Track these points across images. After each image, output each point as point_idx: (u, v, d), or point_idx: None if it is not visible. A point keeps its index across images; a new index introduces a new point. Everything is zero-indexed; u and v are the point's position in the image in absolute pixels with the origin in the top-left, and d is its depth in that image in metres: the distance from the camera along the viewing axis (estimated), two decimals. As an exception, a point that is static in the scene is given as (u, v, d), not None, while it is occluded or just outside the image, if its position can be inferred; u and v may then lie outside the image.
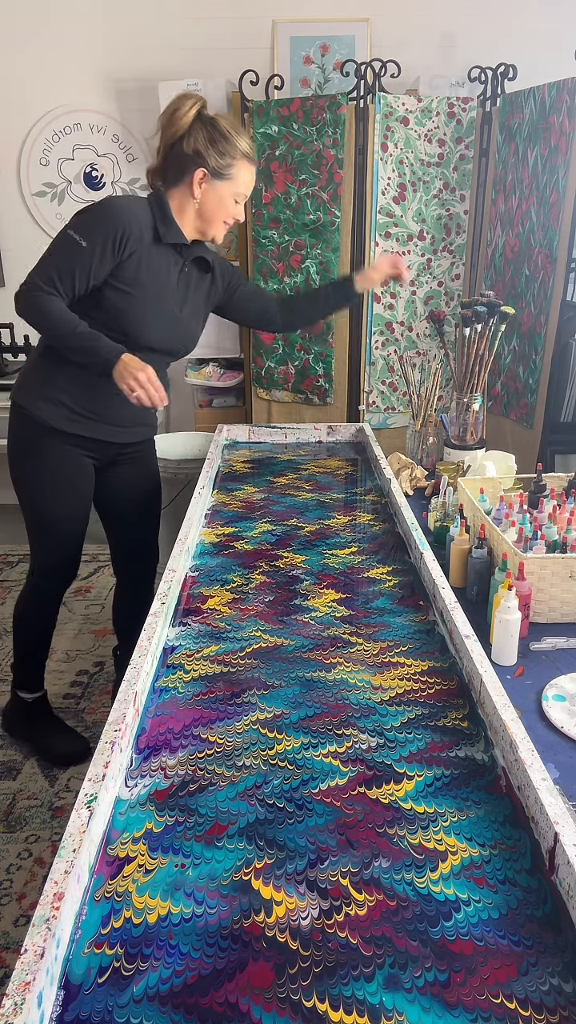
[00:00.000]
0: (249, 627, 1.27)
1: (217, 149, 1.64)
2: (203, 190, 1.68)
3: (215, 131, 1.64)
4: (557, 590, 1.31)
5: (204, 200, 1.69)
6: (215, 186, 1.68)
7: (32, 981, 0.62)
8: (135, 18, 3.24)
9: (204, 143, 1.64)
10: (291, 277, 3.05)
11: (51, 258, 1.61)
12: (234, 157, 1.66)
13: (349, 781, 0.92)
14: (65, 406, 1.74)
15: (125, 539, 2.09)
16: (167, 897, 0.77)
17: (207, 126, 1.65)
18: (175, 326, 1.79)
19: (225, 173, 1.67)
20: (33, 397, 1.75)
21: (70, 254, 1.59)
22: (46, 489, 1.82)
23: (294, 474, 2.04)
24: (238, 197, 1.72)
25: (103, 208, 1.61)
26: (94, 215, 1.60)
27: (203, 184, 1.67)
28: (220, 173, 1.66)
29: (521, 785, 0.87)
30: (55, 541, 1.90)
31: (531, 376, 2.79)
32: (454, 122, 2.88)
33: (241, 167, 1.68)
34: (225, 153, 1.65)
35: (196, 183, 1.67)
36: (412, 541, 1.50)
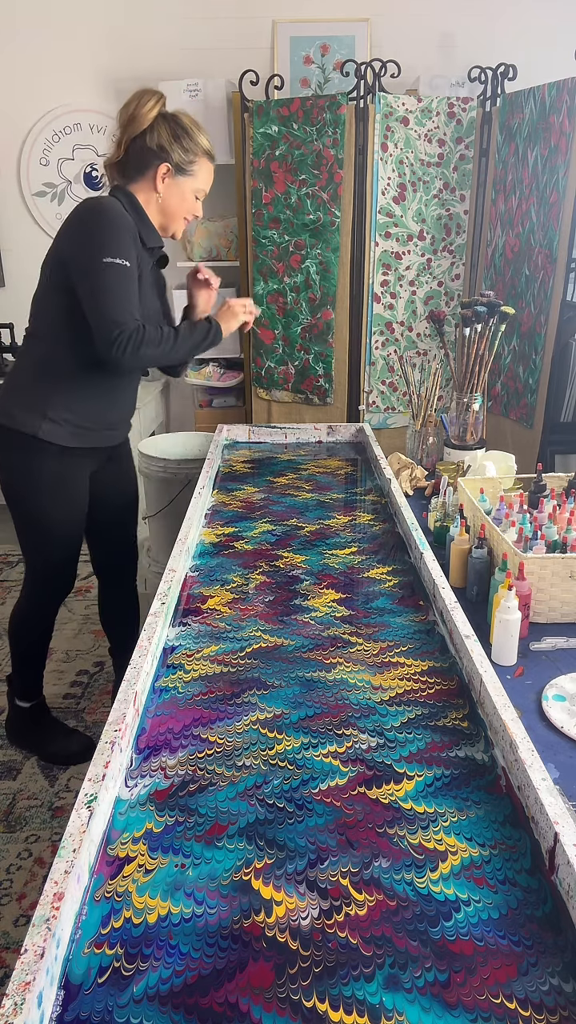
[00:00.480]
0: (249, 627, 1.27)
1: (181, 145, 1.66)
2: (166, 185, 1.69)
3: (178, 127, 1.66)
4: (557, 590, 1.31)
5: (167, 195, 1.71)
6: (178, 181, 1.70)
7: (32, 981, 0.62)
8: (135, 18, 3.24)
9: (168, 138, 1.65)
10: (291, 277, 3.05)
11: (115, 292, 1.55)
12: (196, 153, 1.69)
13: (349, 781, 0.92)
14: (68, 422, 1.72)
15: (108, 538, 2.09)
16: (167, 897, 0.77)
17: (170, 122, 1.66)
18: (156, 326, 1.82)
19: (188, 169, 1.69)
20: (34, 418, 1.70)
21: (126, 279, 1.57)
22: (50, 507, 1.80)
23: (294, 474, 2.04)
24: (198, 193, 1.75)
25: (117, 222, 1.59)
26: (116, 230, 1.58)
27: (166, 179, 1.68)
28: (183, 169, 1.69)
29: (521, 785, 0.87)
30: (56, 555, 1.89)
31: (531, 376, 2.79)
32: (454, 122, 2.88)
33: (202, 164, 1.72)
34: (188, 149, 1.68)
35: (159, 178, 1.68)
36: (412, 541, 1.50)
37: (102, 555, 2.14)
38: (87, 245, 1.57)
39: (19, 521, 1.84)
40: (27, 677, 2.07)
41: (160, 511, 2.56)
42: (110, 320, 1.55)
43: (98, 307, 1.55)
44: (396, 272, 3.04)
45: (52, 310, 1.68)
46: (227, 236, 3.33)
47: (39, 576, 1.93)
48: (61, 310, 1.65)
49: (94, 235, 1.57)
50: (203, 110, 3.11)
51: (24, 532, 1.86)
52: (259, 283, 3.11)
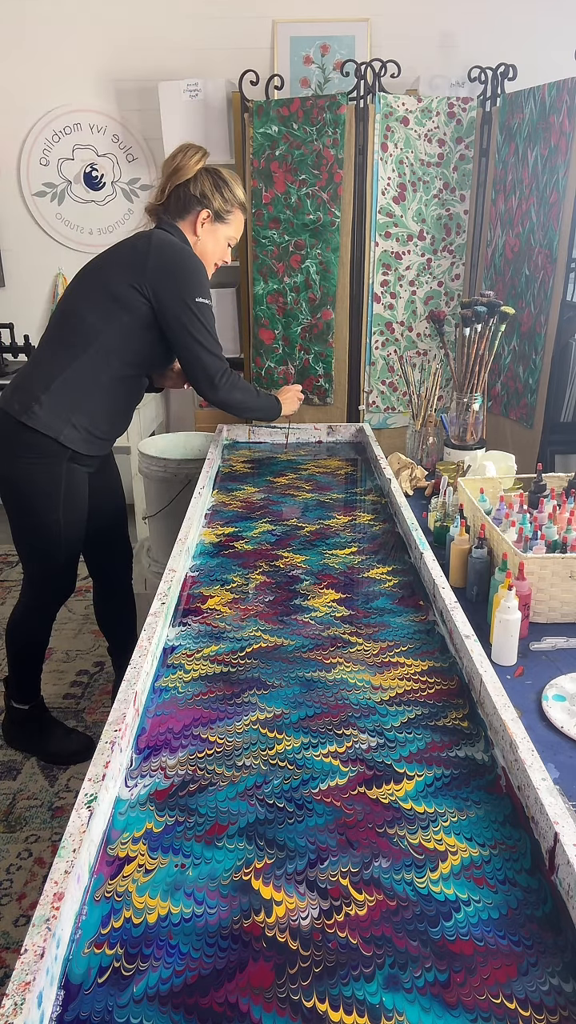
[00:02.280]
0: (249, 627, 1.27)
1: (222, 195, 1.83)
2: (204, 229, 1.84)
3: (219, 179, 1.83)
4: (557, 590, 1.31)
5: (204, 240, 1.86)
6: (215, 228, 1.86)
7: (32, 981, 0.62)
8: (135, 18, 3.24)
9: (211, 187, 1.81)
10: (291, 277, 3.05)
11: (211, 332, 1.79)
12: (233, 204, 1.85)
13: (349, 781, 0.92)
14: (86, 430, 1.79)
15: (102, 541, 2.11)
16: (167, 897, 0.77)
17: (212, 174, 1.83)
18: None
19: (225, 217, 1.85)
20: (58, 422, 1.75)
21: (213, 319, 1.80)
22: (59, 511, 1.83)
23: (294, 474, 2.04)
24: (231, 240, 1.91)
25: (194, 260, 1.77)
26: (202, 274, 1.77)
27: (205, 224, 1.84)
28: (221, 216, 1.85)
29: (521, 785, 0.87)
30: (60, 559, 1.90)
31: (531, 376, 2.79)
32: (454, 122, 2.88)
33: (238, 213, 1.88)
34: (228, 199, 1.84)
35: (199, 222, 1.83)
36: (412, 541, 1.50)
37: (97, 558, 2.15)
38: (182, 287, 1.72)
39: (24, 523, 1.84)
40: (24, 679, 2.07)
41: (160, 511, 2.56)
42: (214, 355, 1.79)
43: (200, 345, 1.77)
44: (396, 272, 3.04)
45: (113, 332, 1.75)
46: (227, 236, 3.33)
47: (40, 580, 1.93)
48: (126, 335, 1.76)
49: (187, 277, 1.73)
50: (203, 110, 3.11)
51: (24, 533, 1.86)
52: (259, 283, 3.11)
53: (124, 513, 2.17)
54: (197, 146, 1.83)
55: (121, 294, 1.73)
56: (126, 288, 1.73)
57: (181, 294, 1.72)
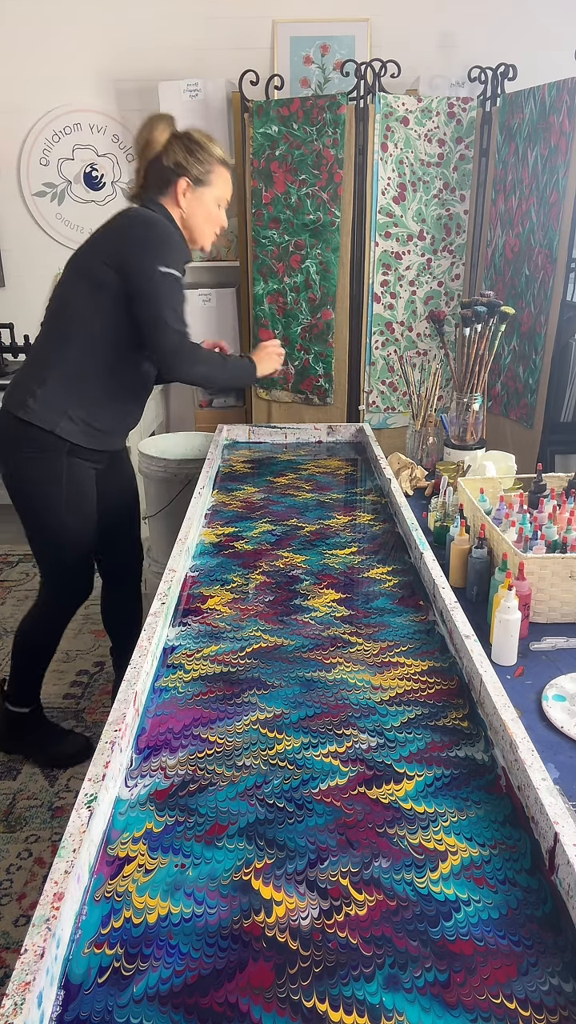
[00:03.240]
0: (249, 627, 1.27)
1: (196, 158, 1.74)
2: (188, 199, 1.77)
3: (191, 143, 1.74)
4: (557, 590, 1.31)
5: (190, 209, 1.78)
6: (198, 194, 1.77)
7: (32, 981, 0.62)
8: (135, 18, 3.24)
9: (184, 154, 1.73)
10: (291, 277, 3.05)
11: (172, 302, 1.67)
12: (211, 163, 1.76)
13: (349, 781, 0.92)
14: (84, 422, 1.76)
15: (112, 540, 2.07)
16: (167, 897, 0.77)
17: (183, 140, 1.75)
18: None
19: (205, 179, 1.76)
20: (54, 415, 1.72)
21: (179, 291, 1.69)
22: (62, 506, 1.80)
23: (294, 474, 2.04)
24: (220, 202, 1.81)
25: (164, 231, 1.69)
26: (170, 244, 1.69)
27: (187, 193, 1.76)
28: (201, 180, 1.76)
29: (521, 785, 0.87)
30: (70, 557, 1.87)
31: (531, 376, 2.79)
32: (454, 122, 2.88)
33: (219, 171, 1.78)
34: (203, 160, 1.75)
35: (180, 194, 1.75)
36: (412, 541, 1.50)
37: (107, 558, 2.12)
38: (144, 253, 1.65)
39: (31, 522, 1.83)
40: (27, 682, 2.04)
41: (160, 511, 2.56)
42: (172, 329, 1.66)
43: (157, 316, 1.65)
44: (396, 272, 3.04)
45: (93, 314, 1.70)
46: (227, 236, 3.33)
47: (52, 581, 1.91)
48: (104, 315, 1.70)
49: (150, 244, 1.66)
50: (203, 110, 3.11)
51: (36, 534, 1.84)
52: (259, 283, 3.11)
53: (135, 515, 2.14)
54: (162, 114, 1.77)
55: (96, 274, 1.69)
56: (99, 266, 1.69)
57: (143, 262, 1.65)
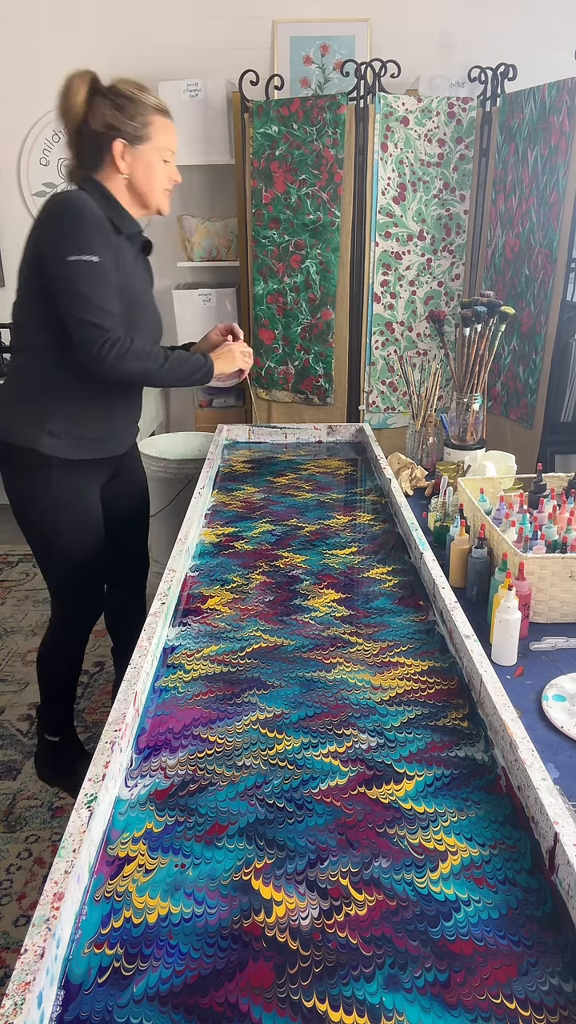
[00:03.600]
0: (249, 627, 1.27)
1: (127, 114, 1.55)
2: (128, 162, 1.58)
3: (118, 97, 1.55)
4: (557, 590, 1.31)
5: (133, 171, 1.59)
6: (138, 152, 1.58)
7: (32, 981, 0.62)
8: (135, 18, 3.24)
9: (112, 113, 1.54)
10: (291, 277, 3.05)
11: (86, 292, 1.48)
12: (146, 115, 1.57)
13: (349, 781, 0.92)
14: (68, 435, 1.64)
15: (119, 550, 1.98)
16: (167, 897, 0.77)
17: (108, 96, 1.55)
18: (155, 320, 1.73)
19: (143, 134, 1.57)
20: (31, 433, 1.62)
21: (95, 277, 1.48)
22: (63, 525, 1.71)
23: (294, 474, 2.04)
24: (165, 155, 1.62)
25: (73, 214, 1.49)
26: (80, 224, 1.49)
27: (126, 155, 1.57)
28: (138, 136, 1.57)
29: (521, 785, 0.87)
30: (78, 576, 1.78)
31: (531, 376, 2.79)
32: (454, 122, 2.88)
33: (157, 123, 1.59)
34: (136, 114, 1.56)
35: (118, 157, 1.57)
36: (412, 541, 1.50)
37: (113, 565, 2.02)
38: (54, 244, 1.49)
39: (35, 543, 1.75)
40: (56, 710, 1.96)
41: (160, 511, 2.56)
42: (88, 323, 1.48)
43: (73, 309, 1.48)
44: (396, 272, 3.04)
45: (37, 319, 1.58)
46: (227, 236, 3.33)
47: (61, 600, 1.83)
48: (47, 317, 1.55)
49: (59, 232, 1.49)
50: (203, 110, 3.11)
51: (42, 555, 1.76)
52: (259, 283, 3.11)
53: (145, 522, 2.04)
54: (76, 72, 1.55)
55: (28, 278, 1.57)
56: (27, 269, 1.57)
57: (53, 255, 1.49)
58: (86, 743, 2.14)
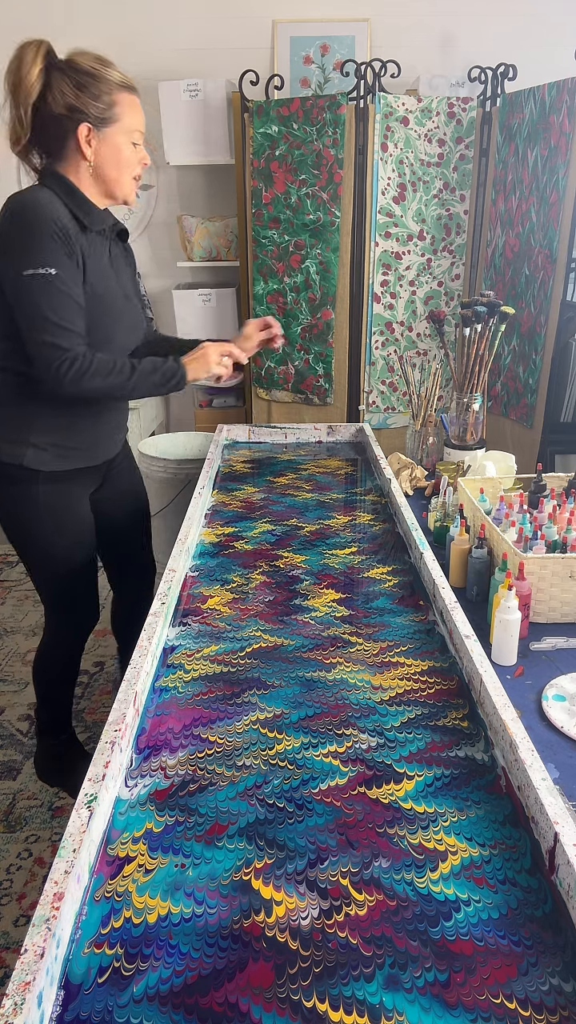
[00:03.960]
0: (249, 627, 1.27)
1: (90, 93, 1.39)
2: (94, 148, 1.43)
3: (79, 74, 1.39)
4: (557, 590, 1.31)
5: (99, 158, 1.45)
6: (105, 136, 1.43)
7: (32, 981, 0.62)
8: (135, 18, 3.24)
9: (73, 93, 1.38)
10: (291, 277, 3.05)
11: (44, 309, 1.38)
12: (111, 94, 1.41)
13: (349, 781, 0.92)
14: (54, 446, 1.58)
15: (122, 554, 1.97)
16: (167, 897, 0.77)
17: (68, 72, 1.39)
18: (132, 319, 1.63)
19: (109, 116, 1.42)
20: (16, 447, 1.56)
21: (52, 292, 1.37)
22: (52, 537, 1.67)
23: (294, 474, 2.04)
24: (134, 137, 1.47)
25: (25, 223, 1.38)
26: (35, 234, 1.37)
27: (92, 140, 1.43)
28: (104, 119, 1.42)
29: (521, 785, 0.87)
30: (71, 585, 1.75)
31: (531, 376, 2.79)
32: (454, 122, 2.88)
33: (124, 102, 1.43)
34: (100, 94, 1.40)
35: (84, 143, 1.42)
36: (412, 541, 1.50)
37: (116, 571, 2.01)
38: (9, 257, 1.38)
39: (25, 556, 1.71)
40: (55, 712, 1.95)
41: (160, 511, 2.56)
42: (46, 344, 1.39)
43: (29, 329, 1.39)
44: (396, 272, 3.04)
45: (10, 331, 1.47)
46: (227, 236, 3.33)
47: (58, 610, 1.80)
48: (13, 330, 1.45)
49: (13, 243, 1.38)
50: (203, 110, 3.11)
51: (33, 567, 1.73)
52: (259, 283, 3.11)
53: (144, 526, 1.99)
54: (29, 41, 1.37)
55: None
56: None
57: (11, 267, 1.37)
58: (86, 743, 2.14)
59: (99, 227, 1.52)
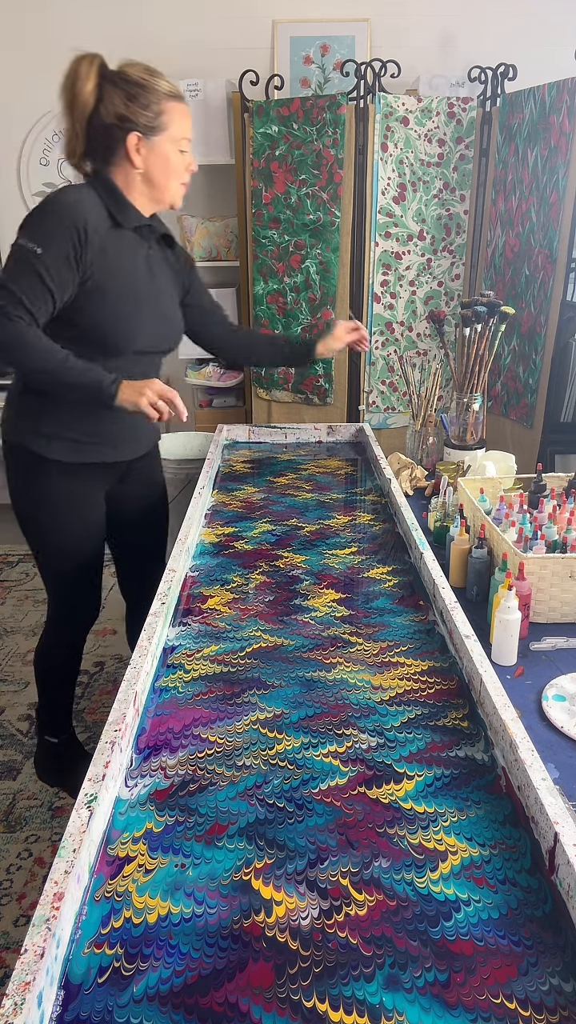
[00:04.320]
0: (249, 627, 1.27)
1: (140, 103, 1.46)
2: (143, 155, 1.50)
3: (129, 85, 1.46)
4: (557, 590, 1.31)
5: (148, 165, 1.51)
6: (153, 144, 1.49)
7: (32, 981, 0.62)
8: (135, 18, 3.24)
9: (123, 103, 1.45)
10: (291, 277, 3.05)
11: (9, 277, 1.39)
12: (160, 103, 1.47)
13: (349, 781, 0.92)
14: (67, 437, 1.59)
15: (135, 561, 1.95)
16: (167, 897, 0.77)
17: (119, 83, 1.46)
18: (162, 319, 1.65)
19: (157, 125, 1.48)
20: (30, 434, 1.59)
21: (31, 267, 1.39)
22: (59, 529, 1.68)
23: (294, 474, 2.04)
24: (181, 145, 1.53)
25: (53, 207, 1.43)
26: (46, 216, 1.43)
27: (141, 148, 1.49)
28: (152, 127, 1.48)
29: (521, 785, 0.87)
30: (72, 582, 1.76)
31: (531, 376, 2.79)
32: (454, 122, 2.88)
33: (172, 111, 1.49)
34: (150, 104, 1.46)
35: (133, 151, 1.49)
36: (412, 541, 1.50)
37: (127, 581, 2.01)
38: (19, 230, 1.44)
39: (31, 542, 1.73)
40: (55, 711, 1.95)
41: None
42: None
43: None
44: (396, 272, 3.04)
45: None
46: (227, 236, 3.33)
47: (60, 603, 1.81)
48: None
49: (27, 220, 1.44)
50: (203, 110, 3.11)
51: (37, 553, 1.74)
52: (259, 283, 3.11)
53: (160, 534, 1.97)
54: (83, 55, 1.44)
55: None
56: None
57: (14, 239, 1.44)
58: (86, 743, 2.14)
59: (133, 224, 1.55)
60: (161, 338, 1.67)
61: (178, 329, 1.74)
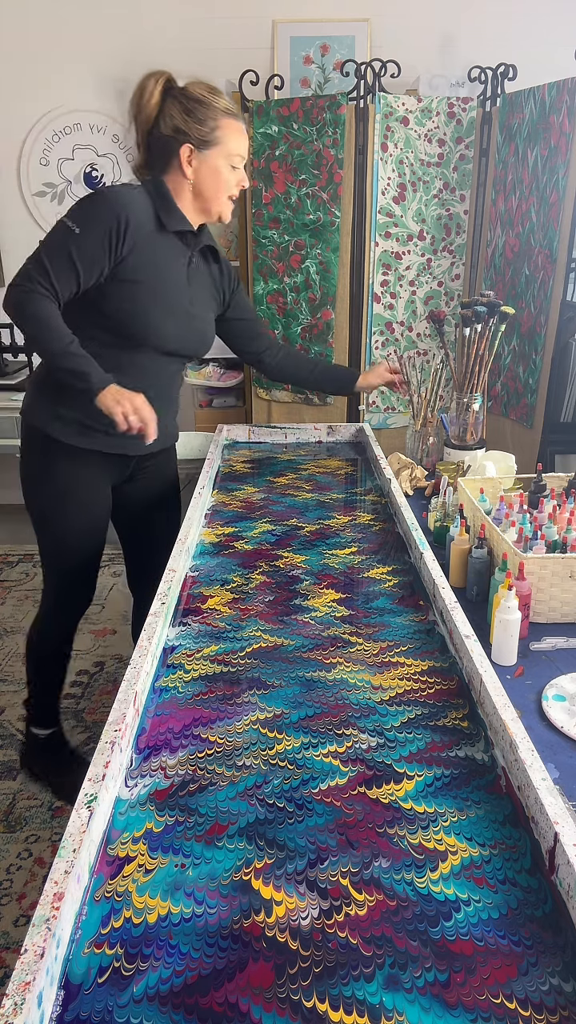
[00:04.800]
0: (249, 627, 1.27)
1: (196, 118, 1.53)
2: (194, 167, 1.56)
3: (188, 100, 1.53)
4: (557, 590, 1.31)
5: (198, 177, 1.58)
6: (205, 157, 1.56)
7: (32, 981, 0.62)
8: (135, 18, 3.24)
9: (181, 117, 1.53)
10: (291, 277, 3.05)
11: (44, 248, 1.48)
12: (216, 119, 1.54)
13: (349, 781, 0.92)
14: (77, 421, 1.63)
15: (144, 560, 1.96)
16: (167, 897, 0.77)
17: (179, 98, 1.54)
18: (189, 324, 1.68)
19: (211, 139, 1.55)
20: (45, 415, 1.65)
21: (65, 243, 1.47)
22: (61, 512, 1.72)
23: (294, 474, 2.04)
24: (233, 161, 1.59)
25: (100, 195, 1.51)
26: (91, 202, 1.50)
27: (192, 160, 1.56)
28: (206, 141, 1.54)
29: (521, 785, 0.87)
30: (70, 567, 1.79)
31: (531, 376, 2.79)
32: (454, 122, 2.88)
33: (227, 127, 1.55)
34: (205, 119, 1.53)
35: (185, 162, 1.56)
36: (412, 541, 1.50)
37: (138, 576, 2.03)
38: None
39: (35, 524, 1.77)
40: (44, 703, 1.98)
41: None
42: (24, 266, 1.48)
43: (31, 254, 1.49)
44: (396, 272, 3.04)
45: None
46: (227, 236, 3.33)
47: (57, 587, 1.84)
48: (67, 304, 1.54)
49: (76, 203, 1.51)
50: (203, 110, 3.11)
51: (40, 537, 1.78)
52: (259, 283, 3.11)
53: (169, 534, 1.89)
54: (155, 72, 1.54)
55: None
56: None
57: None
58: (86, 743, 2.15)
59: (176, 227, 1.61)
60: (183, 342, 1.69)
61: (204, 338, 1.77)
